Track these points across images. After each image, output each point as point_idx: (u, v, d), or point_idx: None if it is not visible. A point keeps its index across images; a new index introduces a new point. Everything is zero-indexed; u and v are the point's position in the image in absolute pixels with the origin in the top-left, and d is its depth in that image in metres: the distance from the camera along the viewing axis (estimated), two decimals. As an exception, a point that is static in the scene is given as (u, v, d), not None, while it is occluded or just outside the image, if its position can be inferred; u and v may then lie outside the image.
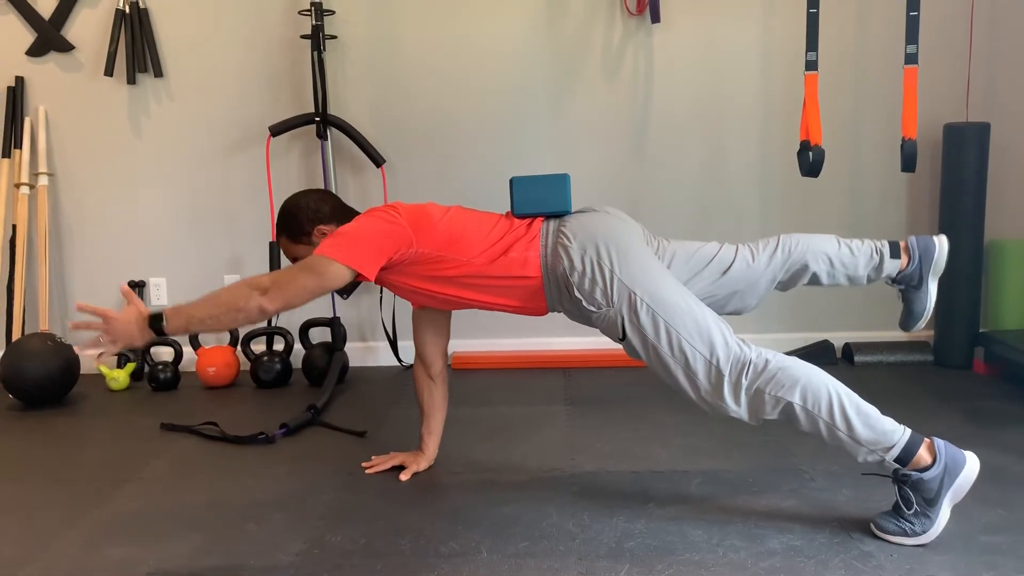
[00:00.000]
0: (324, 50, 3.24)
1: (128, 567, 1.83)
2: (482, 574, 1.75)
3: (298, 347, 3.37)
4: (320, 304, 3.44)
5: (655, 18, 3.23)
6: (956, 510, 1.80)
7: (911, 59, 2.62)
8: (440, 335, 2.30)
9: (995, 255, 3.23)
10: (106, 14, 3.32)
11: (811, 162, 2.68)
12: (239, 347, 3.34)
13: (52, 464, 2.51)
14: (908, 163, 2.63)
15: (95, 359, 1.84)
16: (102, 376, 3.26)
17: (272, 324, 3.33)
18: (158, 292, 3.52)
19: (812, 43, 2.72)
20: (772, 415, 1.82)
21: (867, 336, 3.38)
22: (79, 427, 2.85)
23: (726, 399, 1.83)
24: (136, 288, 3.49)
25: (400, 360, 3.46)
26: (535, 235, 1.99)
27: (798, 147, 2.76)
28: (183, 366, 3.34)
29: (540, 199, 2.05)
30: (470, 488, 2.21)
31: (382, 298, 3.42)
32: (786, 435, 2.41)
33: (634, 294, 1.87)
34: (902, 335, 3.32)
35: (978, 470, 1.78)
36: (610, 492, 2.14)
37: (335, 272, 1.89)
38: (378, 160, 3.31)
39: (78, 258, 3.52)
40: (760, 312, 2.11)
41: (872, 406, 1.79)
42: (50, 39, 3.36)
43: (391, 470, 2.31)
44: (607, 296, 1.89)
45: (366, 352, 3.52)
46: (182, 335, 1.76)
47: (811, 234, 2.08)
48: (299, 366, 3.33)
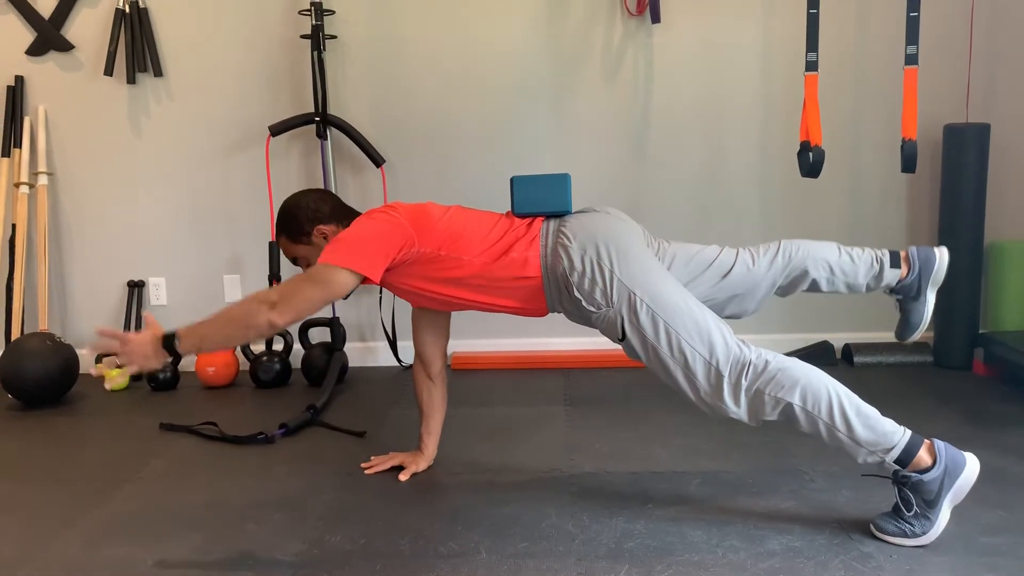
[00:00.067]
0: (324, 50, 3.24)
1: (128, 567, 1.83)
2: (481, 574, 1.75)
3: (297, 347, 3.37)
4: (320, 304, 3.45)
5: (655, 18, 3.23)
6: (956, 511, 1.80)
7: (911, 60, 2.61)
8: (439, 335, 2.30)
9: (995, 256, 3.23)
10: (106, 14, 3.32)
11: (811, 163, 2.68)
12: (238, 347, 3.34)
13: (51, 464, 2.51)
14: (908, 164, 2.63)
15: (105, 379, 1.89)
16: (101, 376, 3.25)
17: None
18: (157, 292, 3.52)
19: (812, 44, 2.72)
20: (772, 416, 1.82)
21: (867, 337, 3.38)
22: (78, 427, 2.85)
23: (726, 400, 1.83)
24: (135, 288, 3.48)
25: (399, 360, 3.46)
26: (535, 235, 1.98)
27: (798, 148, 2.76)
28: (182, 366, 3.33)
29: (540, 199, 2.05)
30: (469, 488, 2.21)
31: (381, 298, 3.42)
32: (786, 436, 2.41)
33: (634, 294, 1.87)
34: (902, 336, 3.32)
35: (978, 471, 1.78)
36: (609, 493, 2.14)
37: (341, 279, 1.88)
38: (378, 160, 3.31)
39: (77, 258, 3.51)
40: (760, 313, 2.11)
41: (872, 407, 1.79)
42: (50, 38, 3.36)
43: (390, 470, 2.31)
44: (607, 296, 1.89)
45: (365, 352, 3.52)
46: (194, 353, 1.79)
47: (812, 240, 2.07)
48: (298, 366, 3.33)
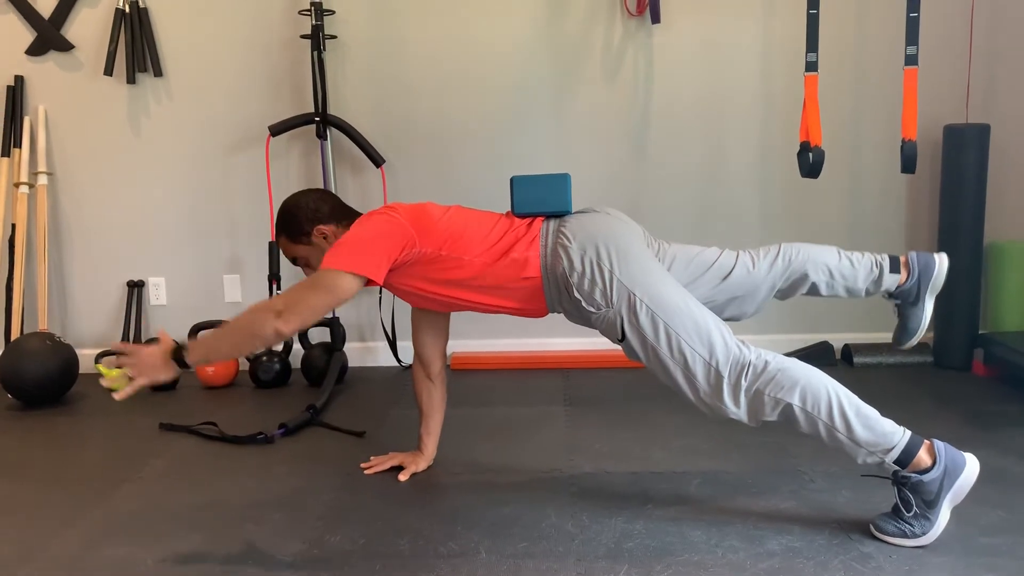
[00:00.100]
0: (324, 50, 3.24)
1: (128, 567, 1.83)
2: (481, 574, 1.74)
3: (297, 347, 3.37)
4: (319, 304, 3.45)
5: (655, 19, 3.23)
6: (956, 512, 1.80)
7: (911, 60, 2.61)
8: (439, 336, 2.29)
9: (995, 257, 3.23)
10: (106, 13, 3.32)
11: (811, 163, 2.68)
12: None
13: (51, 464, 2.50)
14: (908, 164, 2.63)
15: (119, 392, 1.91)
16: (101, 375, 3.25)
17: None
18: (157, 292, 3.52)
19: (812, 44, 2.72)
20: (771, 417, 1.82)
21: (866, 337, 3.38)
22: (78, 427, 2.85)
23: (725, 401, 1.83)
24: (135, 287, 3.48)
25: (399, 360, 3.46)
26: (535, 235, 1.98)
27: (798, 148, 2.76)
28: (182, 366, 3.33)
29: (540, 199, 2.05)
30: (469, 488, 2.20)
31: (381, 298, 3.42)
32: (786, 436, 2.41)
33: (633, 295, 1.86)
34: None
35: (978, 472, 1.78)
36: (609, 493, 2.14)
37: (344, 284, 1.88)
38: (378, 160, 3.31)
39: (77, 257, 3.51)
40: (759, 313, 2.11)
41: (872, 408, 1.79)
42: (50, 38, 3.36)
43: (390, 470, 2.31)
44: (606, 297, 1.89)
45: (365, 352, 3.52)
46: (203, 365, 1.81)
47: (812, 244, 2.07)
48: (298, 366, 3.33)
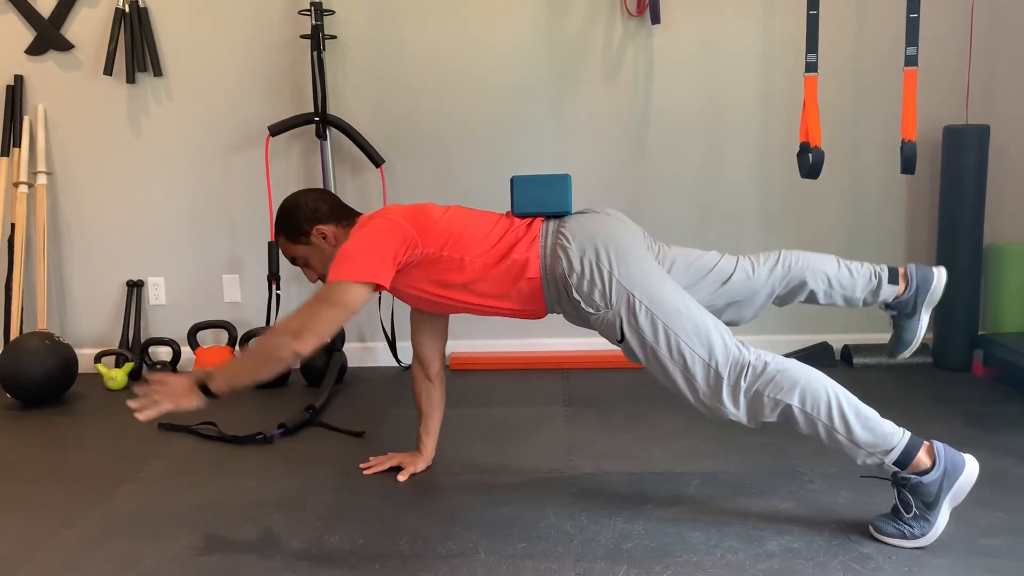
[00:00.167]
0: (324, 50, 3.23)
1: (127, 566, 1.83)
2: (480, 575, 1.75)
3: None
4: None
5: (655, 19, 3.23)
6: (955, 513, 1.80)
7: (911, 61, 2.61)
8: (438, 336, 2.29)
9: (994, 257, 3.23)
10: (106, 13, 3.32)
11: (811, 164, 2.68)
12: (237, 347, 3.34)
13: (50, 464, 2.50)
14: (908, 165, 2.63)
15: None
16: (100, 375, 3.26)
17: (271, 324, 3.32)
18: (156, 292, 3.51)
19: (812, 45, 2.72)
20: (771, 418, 1.82)
21: (866, 338, 3.38)
22: (77, 427, 2.85)
23: (725, 402, 1.83)
24: (134, 287, 3.48)
25: (398, 361, 3.46)
26: (535, 235, 1.98)
27: (798, 148, 2.76)
28: (181, 366, 3.33)
29: (540, 199, 2.05)
30: (468, 489, 2.20)
31: (380, 299, 3.41)
32: (785, 437, 2.41)
33: (633, 296, 1.86)
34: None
35: (977, 473, 1.78)
36: (608, 493, 2.14)
37: (354, 294, 1.89)
38: (377, 160, 3.31)
39: (77, 257, 3.51)
40: (757, 319, 2.12)
41: (871, 409, 1.79)
42: (49, 38, 3.35)
43: (389, 471, 2.31)
44: (606, 298, 1.88)
45: (364, 352, 3.52)
46: (228, 392, 1.93)
47: (812, 252, 2.08)
48: (297, 366, 3.32)
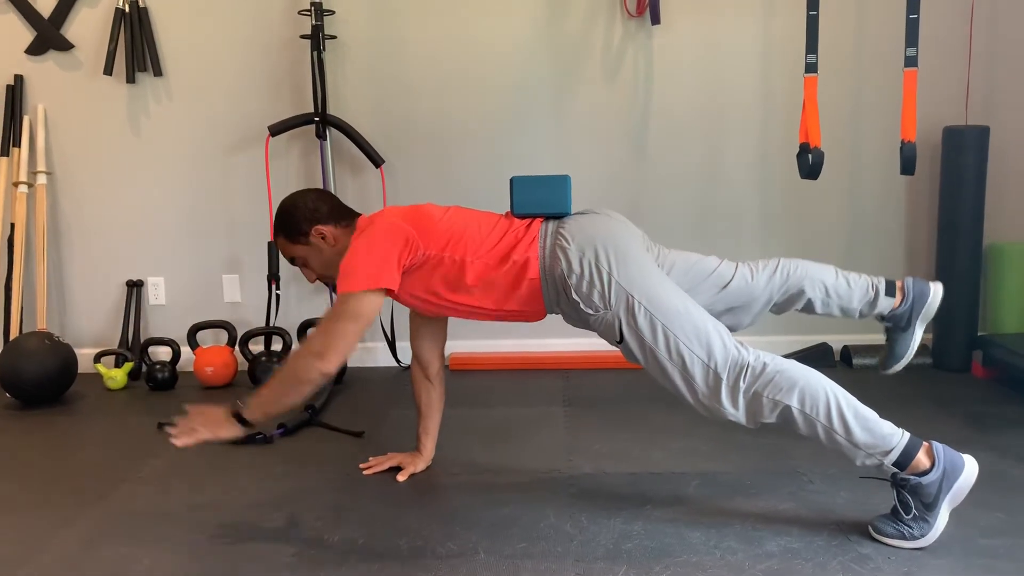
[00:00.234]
0: (324, 50, 3.23)
1: (126, 567, 1.83)
2: (480, 575, 1.75)
3: (296, 347, 3.37)
4: (318, 304, 3.45)
5: (655, 20, 3.23)
6: (954, 514, 1.80)
7: (911, 62, 2.61)
8: (437, 337, 2.30)
9: (994, 258, 3.23)
10: (106, 13, 3.32)
11: (810, 164, 2.68)
12: (237, 347, 3.34)
13: (50, 464, 2.50)
14: (907, 166, 2.63)
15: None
16: (100, 375, 3.26)
17: (270, 324, 3.33)
18: (156, 292, 3.51)
19: (812, 45, 2.72)
20: (770, 419, 1.82)
21: (866, 339, 3.38)
22: (77, 426, 2.85)
23: (724, 403, 1.83)
24: (134, 287, 3.48)
25: (398, 361, 3.46)
26: (534, 236, 1.98)
27: (797, 149, 2.76)
28: (181, 366, 3.33)
29: (540, 199, 2.05)
30: (468, 489, 2.21)
31: (381, 298, 3.41)
32: (784, 438, 2.40)
33: (632, 297, 1.86)
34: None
35: (976, 474, 1.78)
36: (608, 494, 2.14)
37: (368, 304, 1.91)
38: (377, 160, 3.31)
39: (76, 257, 3.51)
40: (754, 325, 2.12)
41: (870, 409, 1.79)
42: (49, 38, 3.35)
43: (389, 471, 2.31)
44: (605, 299, 1.88)
45: (364, 353, 3.52)
46: (262, 420, 1.95)
47: (811, 261, 2.10)
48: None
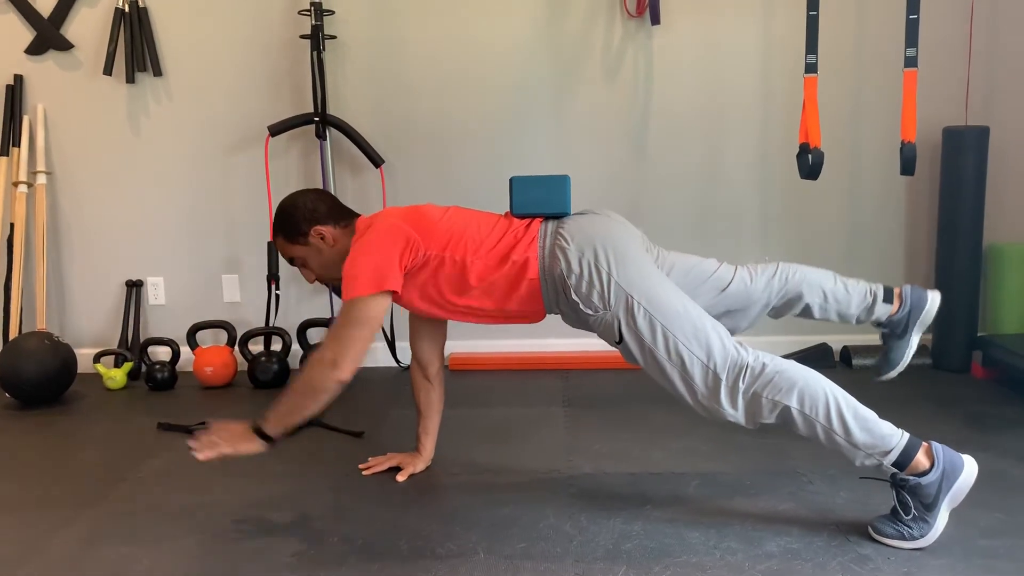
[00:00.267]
0: (323, 50, 3.23)
1: (125, 567, 1.83)
2: (479, 575, 1.75)
3: (296, 347, 3.37)
4: (318, 304, 3.45)
5: (655, 20, 3.23)
6: (954, 514, 1.80)
7: (911, 62, 2.62)
8: (437, 337, 2.30)
9: (993, 259, 3.23)
10: (105, 13, 3.32)
11: (810, 165, 2.68)
12: (236, 347, 3.34)
13: (49, 463, 2.50)
14: (907, 166, 2.63)
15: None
16: (99, 375, 3.26)
17: (270, 324, 3.33)
18: (156, 292, 3.51)
19: (812, 46, 2.72)
20: (769, 419, 1.82)
21: (866, 339, 3.38)
22: (76, 426, 2.84)
23: (723, 403, 1.83)
24: (134, 287, 3.48)
25: (398, 361, 3.46)
26: (534, 236, 1.98)
27: (797, 149, 2.76)
28: (180, 366, 3.33)
29: (540, 200, 2.05)
30: (467, 489, 2.21)
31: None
32: (784, 438, 2.40)
33: (631, 297, 1.86)
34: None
35: (976, 474, 1.78)
36: (608, 494, 2.14)
37: (376, 307, 1.92)
38: (377, 160, 3.31)
39: (76, 257, 3.51)
40: (752, 328, 2.13)
41: (870, 410, 1.80)
42: (49, 37, 3.35)
43: (388, 471, 2.31)
44: (604, 299, 1.88)
45: (364, 352, 3.51)
46: (283, 433, 1.98)
47: (809, 267, 2.11)
48: (297, 366, 3.32)
